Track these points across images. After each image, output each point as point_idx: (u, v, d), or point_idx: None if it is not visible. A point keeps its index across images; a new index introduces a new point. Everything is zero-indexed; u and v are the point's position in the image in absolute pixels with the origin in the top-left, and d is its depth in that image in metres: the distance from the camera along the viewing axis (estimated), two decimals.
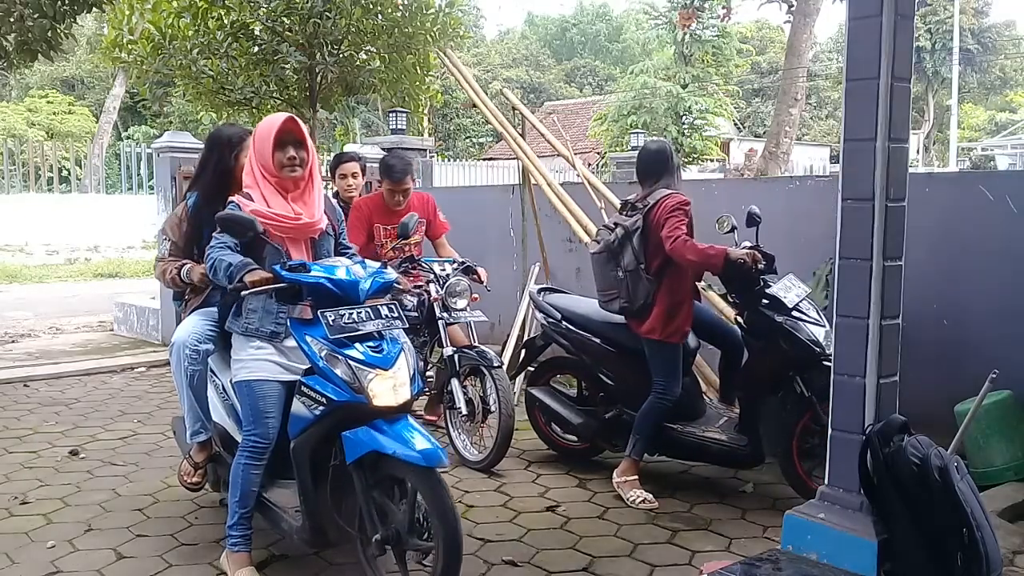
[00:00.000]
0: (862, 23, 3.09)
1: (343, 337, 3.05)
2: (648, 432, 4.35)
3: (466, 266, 5.17)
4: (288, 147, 3.24)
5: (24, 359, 7.97)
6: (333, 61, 8.25)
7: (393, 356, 3.11)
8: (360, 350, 3.05)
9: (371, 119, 23.78)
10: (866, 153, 3.09)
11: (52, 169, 20.35)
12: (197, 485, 3.91)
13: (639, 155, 4.52)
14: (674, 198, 4.19)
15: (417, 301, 5.07)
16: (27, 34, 6.91)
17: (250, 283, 3.06)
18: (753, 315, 4.19)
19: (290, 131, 3.25)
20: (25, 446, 5.22)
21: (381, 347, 3.11)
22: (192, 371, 3.64)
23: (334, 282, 3.11)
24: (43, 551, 3.67)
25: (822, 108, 41.77)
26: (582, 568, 3.54)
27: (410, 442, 2.96)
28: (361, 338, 3.09)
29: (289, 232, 3.28)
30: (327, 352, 3.05)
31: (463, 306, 5.00)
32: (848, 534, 3.09)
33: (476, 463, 4.78)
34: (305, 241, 3.34)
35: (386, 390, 3.04)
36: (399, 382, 3.09)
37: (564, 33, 51.09)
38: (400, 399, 3.08)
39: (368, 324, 3.11)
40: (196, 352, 3.61)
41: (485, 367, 4.76)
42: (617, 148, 22.55)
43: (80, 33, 21.85)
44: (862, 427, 3.11)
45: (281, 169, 3.25)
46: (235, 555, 3.33)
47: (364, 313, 3.12)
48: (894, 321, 3.15)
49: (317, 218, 3.33)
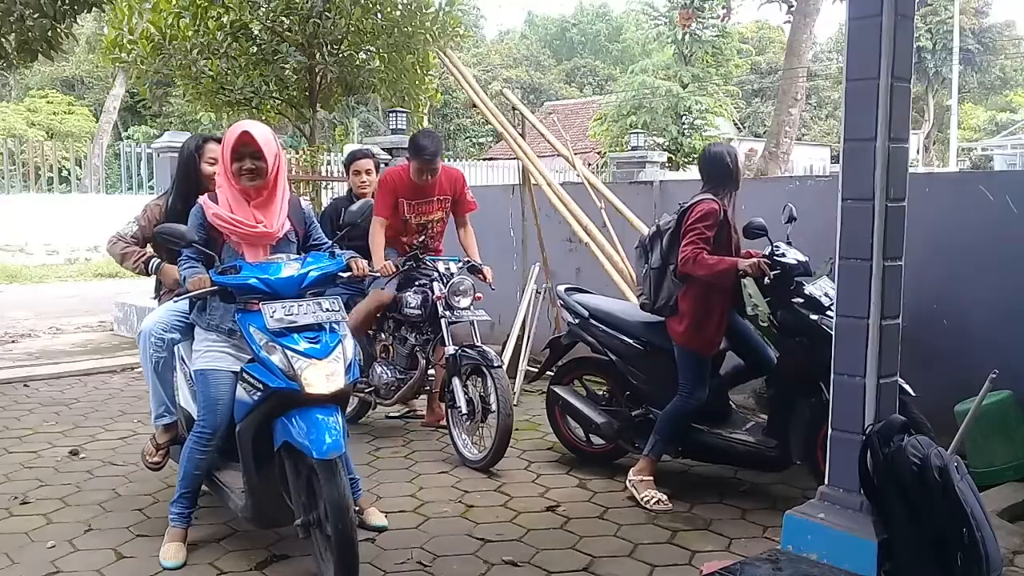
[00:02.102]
0: (862, 23, 3.09)
1: (283, 328, 3.24)
2: (669, 433, 4.33)
3: (471, 265, 5.16)
4: (245, 158, 3.38)
5: (24, 359, 7.97)
6: (333, 61, 8.24)
7: (329, 347, 3.27)
8: (297, 340, 3.24)
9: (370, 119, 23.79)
10: (866, 153, 3.09)
11: (52, 169, 20.34)
12: (158, 465, 4.17)
13: (699, 158, 4.55)
14: (701, 207, 4.17)
15: (420, 299, 5.06)
16: (27, 34, 6.90)
17: (190, 287, 3.35)
18: (787, 313, 4.16)
19: (246, 144, 3.37)
20: (25, 446, 5.22)
21: (319, 338, 3.28)
22: (157, 358, 3.93)
23: (263, 281, 3.29)
24: (43, 551, 3.66)
25: (822, 108, 41.77)
26: (582, 568, 3.54)
27: (314, 432, 3.12)
28: (302, 329, 3.27)
29: (244, 238, 3.46)
30: (266, 341, 3.24)
31: (466, 305, 4.99)
32: (848, 534, 3.10)
33: (476, 462, 4.78)
34: (264, 246, 3.50)
35: (319, 378, 3.19)
36: (332, 371, 3.23)
37: (564, 33, 51.12)
38: (332, 387, 3.22)
39: (306, 317, 3.28)
40: (161, 340, 3.90)
41: (485, 367, 4.75)
42: (617, 148, 22.56)
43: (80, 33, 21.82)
44: (862, 427, 3.12)
45: (239, 178, 3.41)
46: (171, 530, 3.59)
47: (305, 307, 3.30)
48: (894, 321, 3.16)
49: (274, 228, 3.48)
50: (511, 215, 7.41)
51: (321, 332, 3.30)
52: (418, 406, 5.89)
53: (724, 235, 4.22)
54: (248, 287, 3.30)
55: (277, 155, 3.46)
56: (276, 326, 3.23)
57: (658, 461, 4.39)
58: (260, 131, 3.42)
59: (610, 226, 6.33)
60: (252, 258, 3.46)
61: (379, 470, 4.76)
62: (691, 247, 4.10)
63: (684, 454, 4.53)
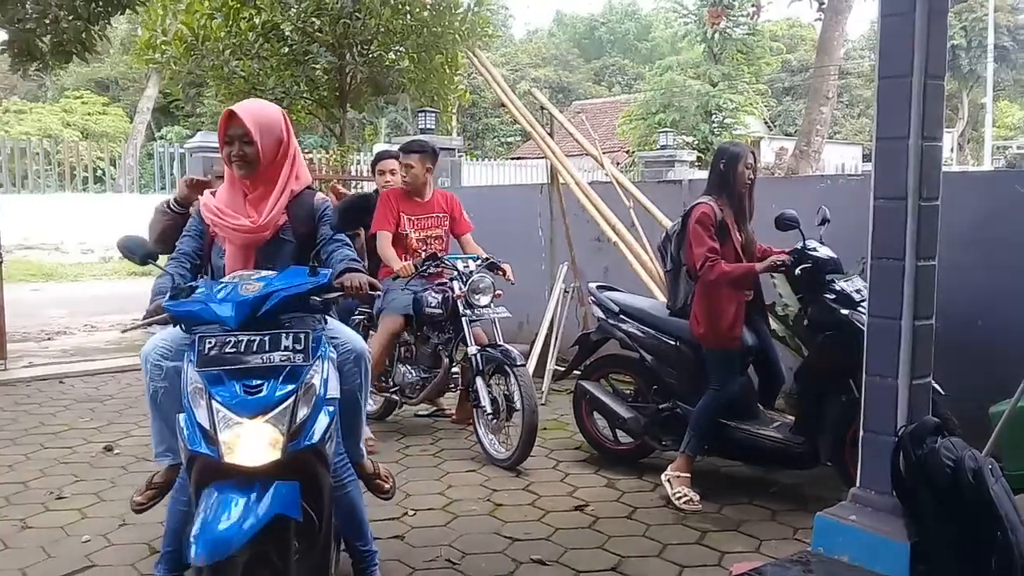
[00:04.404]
0: (895, 20, 3.06)
1: (218, 370, 2.49)
2: (702, 429, 4.32)
3: (491, 262, 5.19)
4: (234, 142, 2.94)
5: (60, 356, 8.10)
6: (363, 61, 8.31)
7: (271, 400, 2.47)
8: (231, 388, 2.47)
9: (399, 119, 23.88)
10: (899, 152, 3.06)
11: (87, 169, 20.65)
12: (140, 506, 3.33)
13: None
14: (694, 211, 4.21)
15: (441, 298, 5.08)
16: (62, 36, 7.02)
17: (144, 316, 2.76)
18: (817, 308, 4.14)
19: (234, 125, 2.94)
20: (61, 442, 5.30)
21: (261, 387, 2.48)
22: (155, 388, 3.13)
23: (204, 307, 2.58)
24: (78, 545, 3.72)
25: (854, 106, 41.31)
26: (610, 568, 3.54)
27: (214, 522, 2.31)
28: (248, 373, 2.49)
29: (227, 234, 3.03)
30: (195, 386, 2.52)
31: (486, 303, 5.01)
32: (880, 536, 3.07)
33: (503, 461, 4.80)
34: (249, 246, 3.03)
35: (243, 444, 2.41)
36: (264, 437, 2.43)
37: (593, 32, 50.96)
38: (259, 459, 2.41)
39: (253, 357, 2.49)
40: (159, 368, 3.11)
41: (508, 365, 4.77)
42: (645, 147, 22.49)
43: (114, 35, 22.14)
44: (894, 429, 3.09)
45: (230, 164, 2.99)
46: None
47: (256, 342, 2.50)
48: (927, 322, 3.12)
49: (259, 224, 2.98)
50: (539, 214, 7.41)
51: (269, 379, 2.50)
52: (445, 405, 5.91)
53: (724, 237, 4.21)
54: (192, 315, 2.60)
55: (280, 141, 2.99)
56: (207, 367, 2.48)
57: (695, 458, 4.38)
58: (254, 111, 2.96)
59: (638, 225, 6.31)
60: (233, 260, 3.00)
61: (408, 468, 4.79)
62: (703, 258, 4.11)
63: (711, 451, 4.51)
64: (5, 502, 4.23)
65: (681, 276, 4.39)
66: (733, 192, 4.28)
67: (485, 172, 21.55)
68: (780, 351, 4.74)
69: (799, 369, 4.34)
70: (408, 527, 3.93)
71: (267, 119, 2.97)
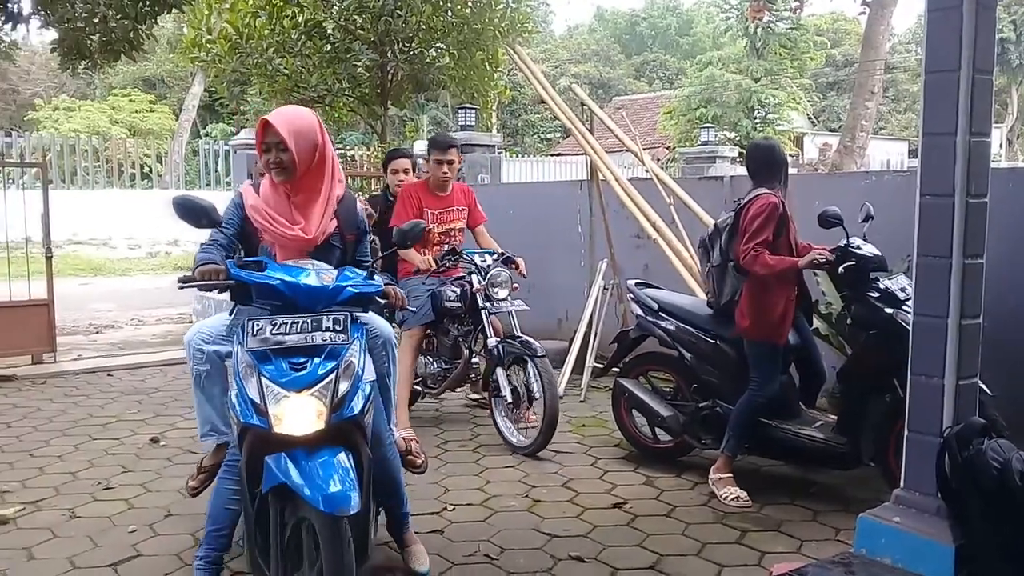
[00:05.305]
0: (942, 14, 3.01)
1: (267, 349, 2.69)
2: (742, 428, 4.29)
3: (506, 257, 5.33)
4: (271, 149, 3.02)
5: (108, 349, 8.27)
6: (404, 58, 8.36)
7: (315, 376, 2.67)
8: (279, 365, 2.68)
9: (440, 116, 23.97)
10: (946, 148, 3.01)
11: (134, 165, 21.04)
12: (194, 490, 3.62)
13: (746, 153, 4.53)
14: (759, 202, 4.14)
15: (459, 292, 5.24)
16: (110, 35, 7.16)
17: (198, 274, 2.81)
18: (861, 306, 4.08)
19: (269, 133, 3.01)
20: (108, 433, 5.42)
21: (305, 364, 2.69)
22: (198, 371, 3.41)
23: (288, 285, 2.77)
24: (125, 535, 3.80)
25: (900, 101, 40.61)
26: (648, 566, 3.52)
27: (319, 480, 2.53)
28: (292, 352, 2.71)
29: (278, 239, 3.08)
30: (246, 364, 2.70)
31: (504, 296, 5.18)
32: (924, 538, 3.02)
33: (523, 448, 4.95)
34: (300, 251, 3.07)
35: (290, 416, 2.62)
36: (310, 409, 2.64)
37: (634, 27, 50.65)
38: (306, 429, 2.63)
39: (292, 336, 2.69)
40: (201, 352, 3.38)
41: (529, 356, 4.93)
42: (686, 143, 22.33)
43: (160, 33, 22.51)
44: (940, 429, 3.04)
45: (270, 171, 3.07)
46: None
47: (300, 324, 2.71)
48: (975, 321, 3.07)
49: (312, 233, 3.06)
50: (579, 211, 7.40)
51: (313, 357, 2.71)
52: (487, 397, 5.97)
53: (782, 231, 4.16)
54: (269, 288, 2.78)
55: (316, 146, 3.04)
56: (256, 346, 2.68)
57: (735, 457, 4.35)
58: (288, 118, 3.01)
59: (679, 222, 6.28)
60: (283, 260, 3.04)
61: (447, 463, 4.82)
62: (751, 248, 4.08)
63: (752, 450, 4.47)
64: (54, 492, 4.34)
65: (728, 271, 4.31)
66: (786, 185, 4.26)
67: (525, 169, 21.56)
68: (823, 349, 4.68)
69: (842, 368, 4.28)
70: (447, 522, 3.96)
71: (301, 125, 3.02)
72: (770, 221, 4.09)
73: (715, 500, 4.22)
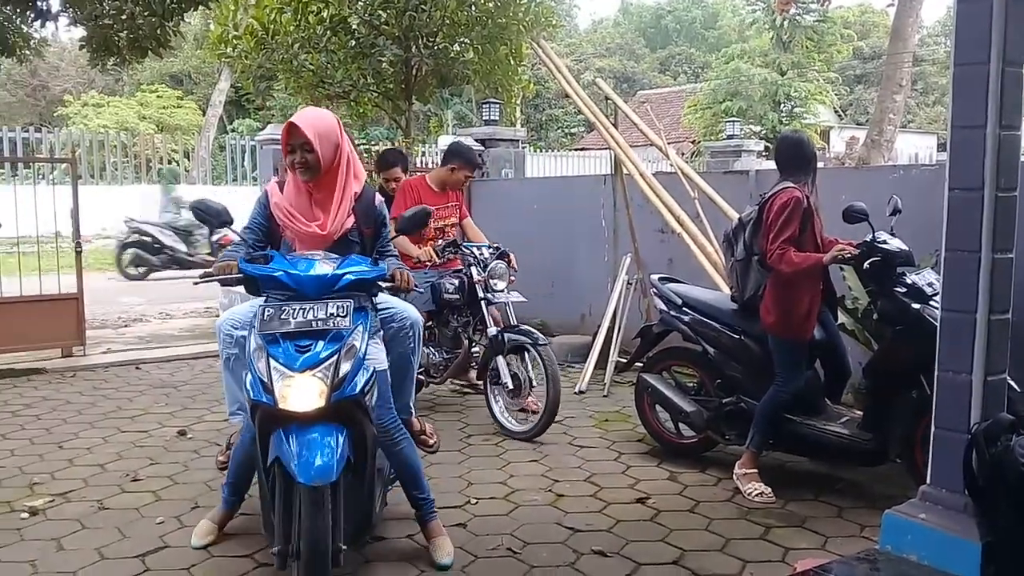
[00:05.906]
0: (971, 6, 2.97)
1: (274, 333, 2.93)
2: (767, 424, 4.28)
3: (501, 251, 5.51)
4: (296, 150, 3.21)
5: (136, 343, 8.36)
6: (428, 53, 8.38)
7: (318, 358, 2.89)
8: (285, 348, 2.91)
9: (464, 111, 24.00)
10: (975, 141, 2.97)
11: (162, 160, 21.25)
12: (224, 465, 3.94)
13: (775, 145, 4.51)
14: (782, 196, 4.11)
15: (458, 284, 5.40)
16: (138, 31, 7.23)
17: (216, 270, 3.16)
18: (888, 301, 4.04)
19: (294, 135, 3.20)
20: (136, 426, 5.48)
21: (309, 347, 2.92)
22: (228, 354, 3.73)
23: (290, 276, 3.00)
24: (152, 526, 3.84)
25: (929, 94, 40.11)
26: (672, 561, 3.52)
27: (305, 453, 2.80)
28: (298, 335, 2.93)
29: (297, 235, 3.30)
30: (257, 346, 2.97)
31: (503, 287, 5.38)
32: (951, 535, 3.00)
33: (521, 433, 5.14)
34: (317, 246, 3.26)
35: (294, 394, 2.85)
36: (312, 388, 2.86)
37: (659, 21, 50.39)
38: (308, 406, 2.85)
39: (296, 320, 2.93)
40: (230, 336, 3.69)
41: (531, 345, 5.12)
42: (711, 136, 22.20)
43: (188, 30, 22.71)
44: (967, 426, 3.01)
45: (294, 171, 3.27)
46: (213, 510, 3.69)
47: (305, 310, 2.94)
48: (1003, 316, 3.03)
49: (328, 229, 3.26)
50: (603, 205, 7.38)
51: (316, 339, 2.93)
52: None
53: (807, 226, 4.13)
54: (273, 280, 3.02)
55: (337, 147, 3.25)
56: (265, 330, 2.93)
57: (759, 453, 4.34)
58: (312, 121, 3.21)
59: (703, 216, 6.24)
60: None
61: (470, 457, 4.83)
62: (776, 245, 4.05)
63: (776, 446, 4.45)
64: (83, 483, 4.40)
65: (752, 266, 4.28)
66: (814, 179, 4.22)
67: (549, 163, 21.55)
68: (849, 344, 4.64)
69: (868, 364, 4.24)
70: (471, 515, 3.97)
71: (324, 127, 3.23)
72: (794, 216, 4.06)
73: (739, 496, 4.21)
